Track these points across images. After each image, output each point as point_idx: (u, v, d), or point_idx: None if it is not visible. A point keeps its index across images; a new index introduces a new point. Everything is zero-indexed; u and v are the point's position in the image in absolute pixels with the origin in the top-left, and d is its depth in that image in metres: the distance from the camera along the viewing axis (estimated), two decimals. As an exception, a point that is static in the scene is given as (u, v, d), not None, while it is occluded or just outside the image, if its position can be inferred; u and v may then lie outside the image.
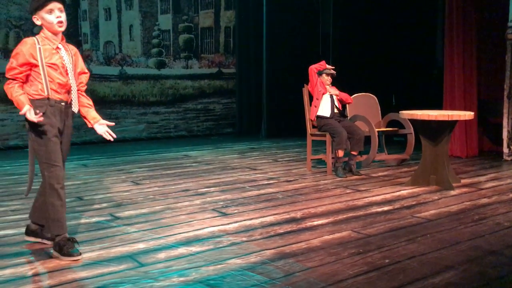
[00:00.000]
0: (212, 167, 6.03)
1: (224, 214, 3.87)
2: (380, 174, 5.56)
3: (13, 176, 5.48)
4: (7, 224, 3.63)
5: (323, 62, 5.69)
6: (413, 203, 4.22)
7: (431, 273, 2.69)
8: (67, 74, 2.93)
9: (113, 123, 3.19)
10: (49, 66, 2.88)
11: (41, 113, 2.82)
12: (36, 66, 2.86)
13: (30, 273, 2.72)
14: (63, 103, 2.93)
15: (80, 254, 2.91)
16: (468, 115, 4.74)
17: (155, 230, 3.44)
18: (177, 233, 3.37)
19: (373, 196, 4.49)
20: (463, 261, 2.85)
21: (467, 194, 4.54)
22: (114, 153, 7.08)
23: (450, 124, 4.71)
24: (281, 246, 3.12)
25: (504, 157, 6.39)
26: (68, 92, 2.96)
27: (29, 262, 2.87)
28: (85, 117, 3.10)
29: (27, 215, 3.82)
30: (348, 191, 4.70)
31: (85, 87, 3.11)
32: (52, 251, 2.96)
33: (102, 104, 8.33)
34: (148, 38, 9.07)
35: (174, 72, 9.40)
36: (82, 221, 3.69)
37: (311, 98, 5.72)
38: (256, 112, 9.89)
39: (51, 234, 2.96)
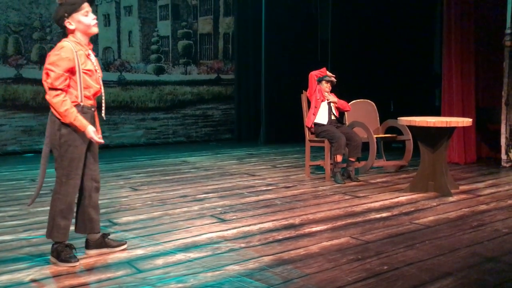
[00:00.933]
0: (210, 173, 6.03)
1: (223, 220, 3.86)
2: (378, 180, 5.56)
3: (10, 181, 5.47)
4: (4, 230, 3.62)
5: (323, 69, 5.69)
6: (412, 209, 4.22)
7: (430, 279, 2.68)
8: (99, 80, 2.92)
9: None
10: (84, 73, 2.81)
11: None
12: (74, 73, 2.77)
13: (27, 279, 2.71)
14: (93, 109, 2.93)
15: (78, 260, 2.90)
16: (466, 121, 4.75)
17: (153, 236, 3.43)
18: (175, 239, 3.36)
19: (371, 202, 4.48)
20: (461, 268, 2.85)
21: (466, 200, 4.54)
22: (112, 159, 7.07)
23: (448, 131, 4.72)
24: (280, 252, 3.11)
25: (502, 163, 6.39)
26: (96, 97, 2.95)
27: (27, 268, 2.85)
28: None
29: (24, 221, 3.83)
30: (346, 197, 4.70)
31: None
32: (49, 257, 2.95)
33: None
34: (147, 44, 9.09)
35: (173, 78, 9.41)
36: (80, 227, 3.68)
37: (309, 104, 5.73)
38: (255, 118, 9.91)
39: (52, 240, 2.92)
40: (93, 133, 2.80)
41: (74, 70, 2.77)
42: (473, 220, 3.86)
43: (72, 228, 3.00)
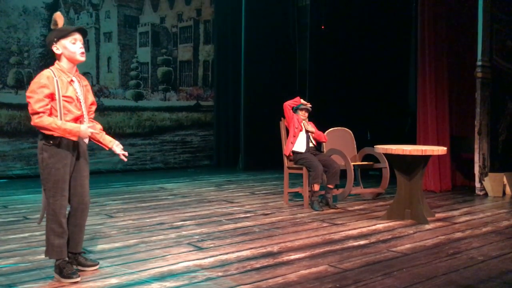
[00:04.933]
0: (188, 200, 5.97)
1: (200, 248, 3.80)
2: (356, 207, 5.59)
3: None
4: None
5: (297, 98, 5.75)
6: (389, 237, 4.24)
7: (408, 308, 2.68)
8: (81, 106, 3.02)
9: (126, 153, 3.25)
10: (64, 99, 2.93)
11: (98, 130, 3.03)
12: (54, 99, 2.90)
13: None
14: None
15: (79, 276, 3.00)
16: (441, 150, 4.84)
17: (128, 265, 3.35)
18: (151, 268, 3.30)
19: (349, 230, 4.49)
20: (438, 296, 2.86)
21: (442, 228, 4.59)
22: (88, 185, 6.93)
23: (424, 159, 4.80)
24: (258, 281, 3.07)
25: (477, 191, 6.51)
26: (81, 122, 3.03)
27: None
28: (100, 142, 3.21)
29: (-6, 249, 3.70)
30: (324, 224, 4.70)
31: (93, 115, 3.21)
32: (54, 274, 3.03)
33: (78, 135, 8.22)
34: (126, 70, 9.09)
35: (152, 104, 9.40)
36: (53, 255, 3.57)
37: (287, 131, 5.77)
38: (233, 144, 9.92)
39: (49, 258, 3.03)
40: (88, 129, 2.93)
41: (53, 96, 2.90)
42: (449, 247, 3.90)
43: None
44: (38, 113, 2.86)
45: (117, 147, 3.19)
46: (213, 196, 6.27)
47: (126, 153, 3.21)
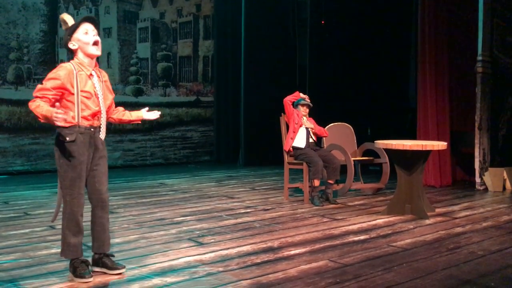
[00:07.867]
0: (188, 196, 5.97)
1: (200, 244, 3.81)
2: (356, 203, 5.60)
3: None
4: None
5: (296, 93, 5.73)
6: (389, 232, 4.25)
7: (408, 303, 2.68)
8: (98, 102, 2.95)
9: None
10: (82, 95, 2.87)
11: (73, 116, 2.83)
12: (72, 94, 2.83)
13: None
14: (92, 129, 2.96)
15: (92, 276, 2.96)
16: (441, 145, 4.84)
17: (128, 260, 3.36)
18: (151, 263, 3.30)
19: (349, 225, 4.50)
20: (438, 291, 2.86)
21: (442, 223, 4.60)
22: (88, 181, 6.93)
23: (424, 154, 4.80)
24: (258, 276, 3.08)
25: (477, 186, 6.52)
26: (98, 118, 2.98)
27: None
28: (131, 121, 3.24)
29: (-5, 245, 3.70)
30: (325, 220, 4.71)
31: (114, 105, 3.18)
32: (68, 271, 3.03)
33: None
34: (126, 66, 9.07)
35: (152, 99, 9.39)
36: (53, 251, 3.58)
37: (288, 127, 5.77)
38: (233, 140, 9.92)
39: (65, 258, 3.01)
40: (58, 113, 2.64)
41: (68, 90, 2.82)
42: (449, 242, 3.90)
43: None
44: (35, 97, 2.77)
45: (147, 113, 3.22)
46: (214, 192, 6.28)
47: (157, 114, 3.23)
